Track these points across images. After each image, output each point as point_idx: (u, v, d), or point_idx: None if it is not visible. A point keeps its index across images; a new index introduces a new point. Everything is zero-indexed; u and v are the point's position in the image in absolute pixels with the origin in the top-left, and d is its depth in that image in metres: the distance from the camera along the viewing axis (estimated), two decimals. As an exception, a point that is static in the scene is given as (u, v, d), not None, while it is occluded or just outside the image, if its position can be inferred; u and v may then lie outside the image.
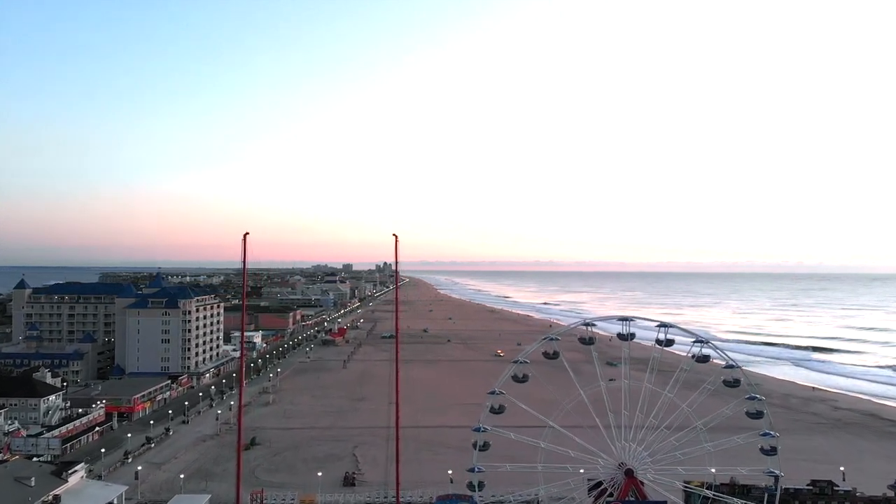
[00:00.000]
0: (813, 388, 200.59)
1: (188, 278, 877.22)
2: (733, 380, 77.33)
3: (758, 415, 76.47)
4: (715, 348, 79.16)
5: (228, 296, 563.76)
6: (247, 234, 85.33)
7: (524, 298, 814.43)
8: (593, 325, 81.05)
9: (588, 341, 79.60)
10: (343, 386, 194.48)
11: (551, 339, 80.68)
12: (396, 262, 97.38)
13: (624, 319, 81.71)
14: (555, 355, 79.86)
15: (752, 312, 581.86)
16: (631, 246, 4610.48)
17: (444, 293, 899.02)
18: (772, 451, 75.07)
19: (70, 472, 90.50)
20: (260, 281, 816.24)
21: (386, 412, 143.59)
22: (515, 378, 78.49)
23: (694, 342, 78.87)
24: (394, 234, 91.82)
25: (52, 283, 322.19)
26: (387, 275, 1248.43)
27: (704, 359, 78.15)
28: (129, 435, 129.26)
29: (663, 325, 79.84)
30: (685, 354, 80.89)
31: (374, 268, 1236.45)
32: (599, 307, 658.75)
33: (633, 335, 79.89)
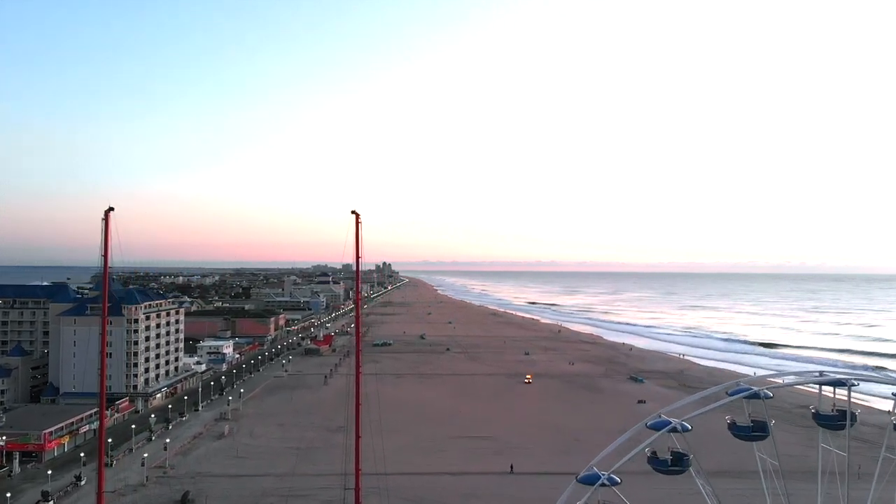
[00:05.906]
0: (888, 411, 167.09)
1: (181, 278, 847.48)
2: None
3: None
4: None
5: (215, 297, 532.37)
6: (110, 209, 52.85)
7: (527, 300, 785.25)
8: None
9: None
10: (320, 409, 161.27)
11: (673, 430, 39.39)
12: (357, 247, 66.15)
13: (838, 384, 45.07)
14: (678, 466, 39.22)
15: (773, 316, 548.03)
16: (632, 246, 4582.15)
17: (444, 294, 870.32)
18: None
19: None
20: (255, 282, 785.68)
21: (368, 449, 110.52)
22: None
23: None
24: (353, 212, 61.28)
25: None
26: (385, 275, 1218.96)
27: None
28: (9, 495, 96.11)
29: None
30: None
31: (373, 268, 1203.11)
32: (605, 308, 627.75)
33: (854, 419, 44.91)
